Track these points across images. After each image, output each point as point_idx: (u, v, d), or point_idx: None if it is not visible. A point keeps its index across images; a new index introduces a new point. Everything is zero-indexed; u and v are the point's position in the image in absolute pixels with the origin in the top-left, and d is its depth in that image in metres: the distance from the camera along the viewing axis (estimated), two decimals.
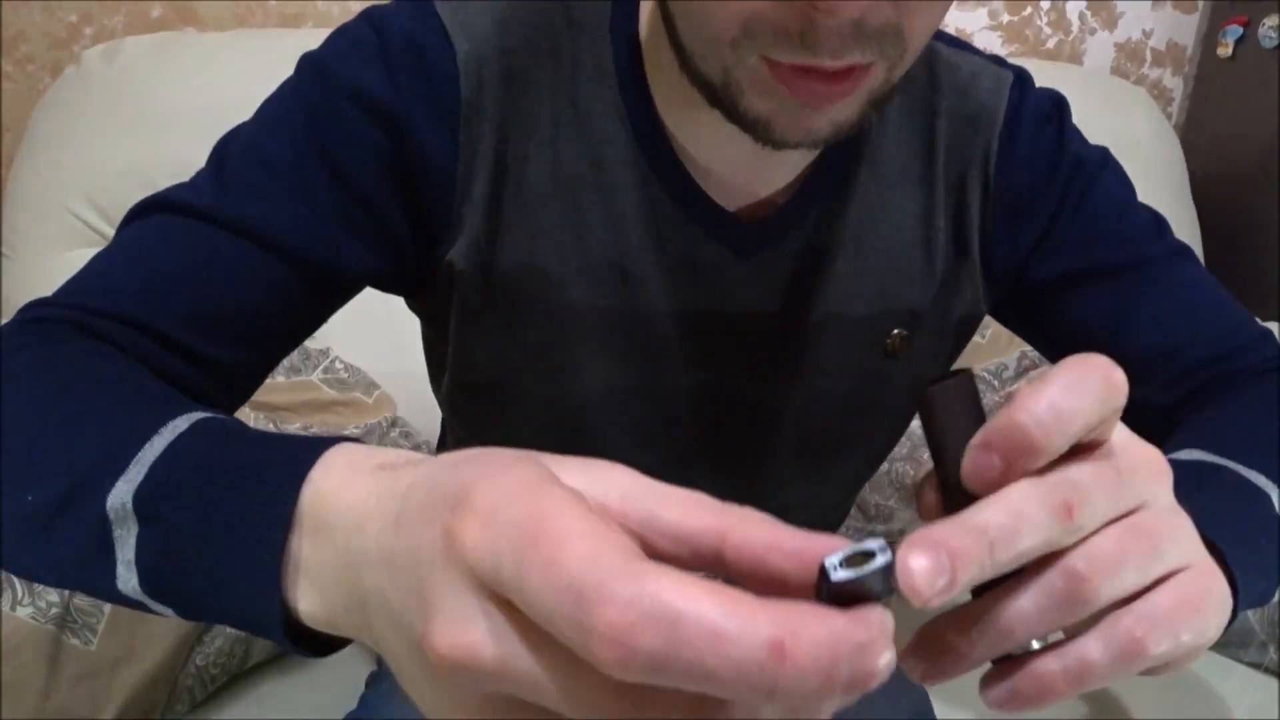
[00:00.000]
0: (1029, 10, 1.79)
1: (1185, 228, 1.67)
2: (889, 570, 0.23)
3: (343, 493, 0.30)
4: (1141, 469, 0.31)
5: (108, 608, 0.85)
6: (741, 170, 0.57)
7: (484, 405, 0.65)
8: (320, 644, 0.34)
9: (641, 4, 0.57)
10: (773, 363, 0.62)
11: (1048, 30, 1.81)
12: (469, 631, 0.24)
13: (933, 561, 0.25)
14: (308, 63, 0.55)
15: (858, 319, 0.62)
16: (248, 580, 0.32)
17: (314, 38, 0.55)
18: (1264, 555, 0.45)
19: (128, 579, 0.36)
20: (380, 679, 0.80)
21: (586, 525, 0.23)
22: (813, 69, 0.43)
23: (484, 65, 0.54)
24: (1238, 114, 1.72)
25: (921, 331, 0.63)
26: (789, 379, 0.63)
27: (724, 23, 0.44)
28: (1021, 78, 0.63)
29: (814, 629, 0.21)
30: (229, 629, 0.92)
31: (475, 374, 0.63)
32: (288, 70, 0.56)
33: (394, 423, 1.19)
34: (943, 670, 0.30)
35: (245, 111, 0.57)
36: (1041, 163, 0.61)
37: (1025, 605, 0.29)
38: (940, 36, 0.63)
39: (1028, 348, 1.31)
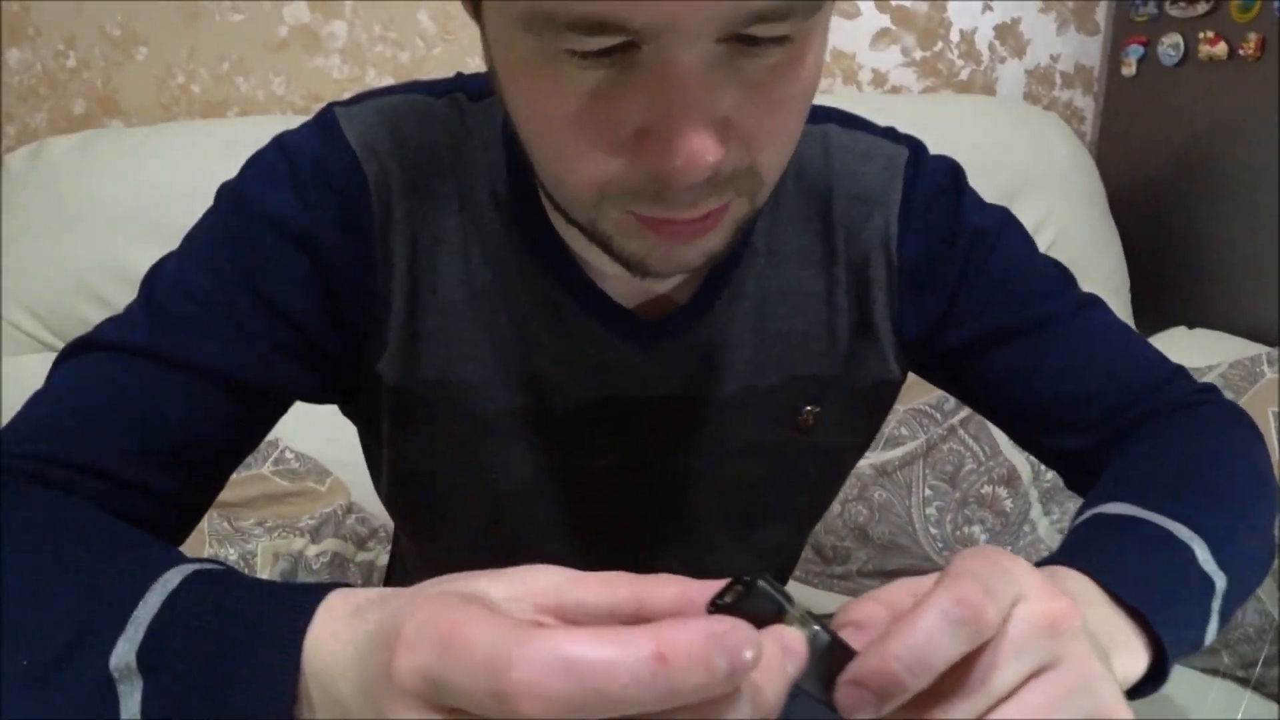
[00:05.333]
0: (940, 45, 1.84)
1: (1106, 243, 1.73)
2: (759, 594, 0.30)
3: (326, 642, 0.33)
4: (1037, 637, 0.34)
5: None
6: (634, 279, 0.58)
7: (419, 502, 0.67)
8: None
9: None
10: (685, 441, 0.64)
11: (960, 62, 1.86)
12: None
13: None
14: (225, 193, 0.57)
15: (765, 398, 0.63)
16: None
17: (238, 127, 0.58)
18: (1190, 611, 0.48)
19: None
20: None
21: (489, 620, 0.27)
22: (674, 219, 0.45)
23: (392, 182, 0.56)
24: (1146, 129, 1.78)
25: (832, 404, 0.65)
26: (703, 457, 0.65)
27: (579, 186, 0.45)
28: (916, 151, 0.64)
29: (685, 634, 0.26)
30: None
31: (409, 474, 0.65)
32: (214, 161, 0.58)
33: (349, 509, 1.19)
34: None
35: (174, 204, 0.58)
36: (942, 234, 0.62)
37: None
38: (834, 116, 0.64)
39: None
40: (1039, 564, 0.45)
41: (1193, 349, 1.52)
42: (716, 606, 0.30)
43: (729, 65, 0.40)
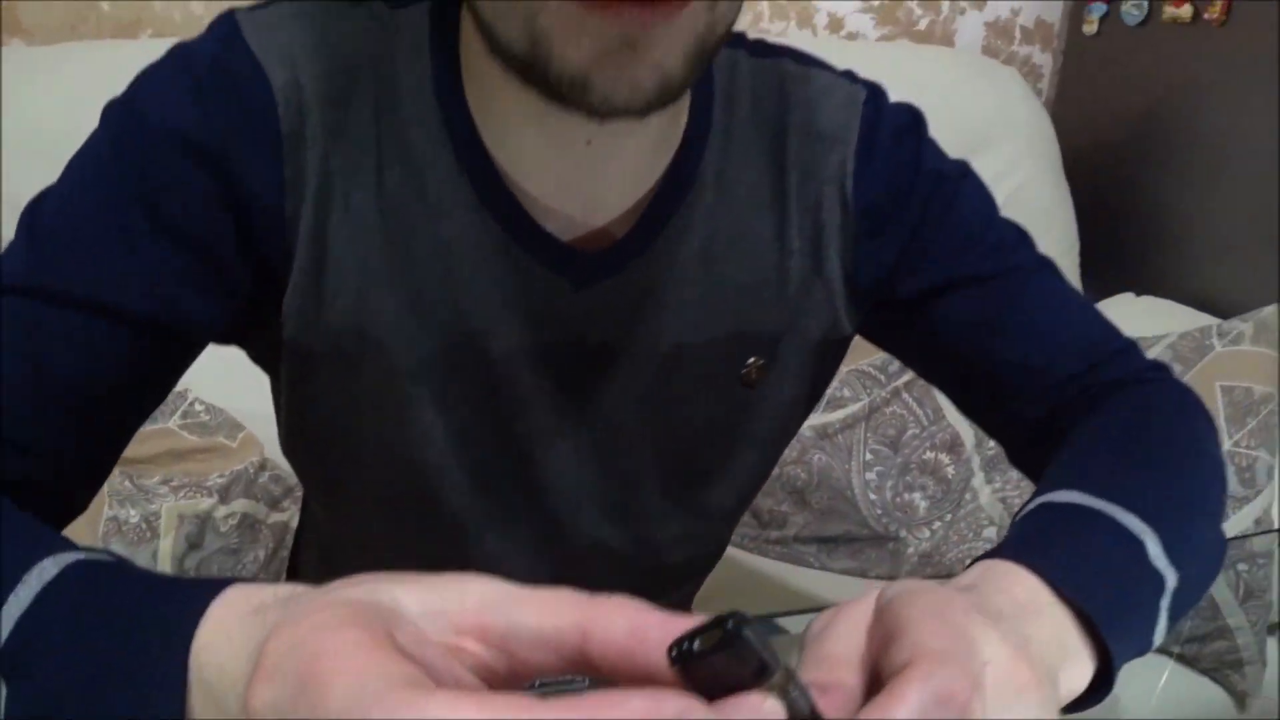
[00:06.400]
0: None
1: (1058, 204, 1.71)
2: (741, 646, 0.24)
3: (219, 645, 0.31)
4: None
5: None
6: (572, 194, 0.54)
7: (323, 457, 0.62)
8: None
9: (463, 19, 0.53)
10: (625, 395, 0.60)
11: (919, 11, 1.82)
12: None
13: None
14: (115, 108, 0.51)
15: (711, 349, 0.60)
16: None
17: (152, 48, 0.51)
18: (1140, 613, 0.46)
19: None
20: None
21: (356, 663, 0.24)
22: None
23: (302, 92, 0.51)
24: (1105, 89, 1.76)
25: (779, 358, 0.62)
26: (644, 411, 0.61)
27: None
28: (875, 92, 0.62)
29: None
30: None
31: (311, 425, 0.60)
32: (125, 82, 0.52)
33: (262, 465, 1.13)
34: None
35: (80, 134, 0.52)
36: (901, 177, 0.60)
37: None
38: (789, 53, 0.62)
39: None
40: (986, 555, 0.44)
41: (1140, 317, 1.52)
42: (681, 654, 0.24)
43: None
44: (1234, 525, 1.16)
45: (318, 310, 0.54)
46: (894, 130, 0.60)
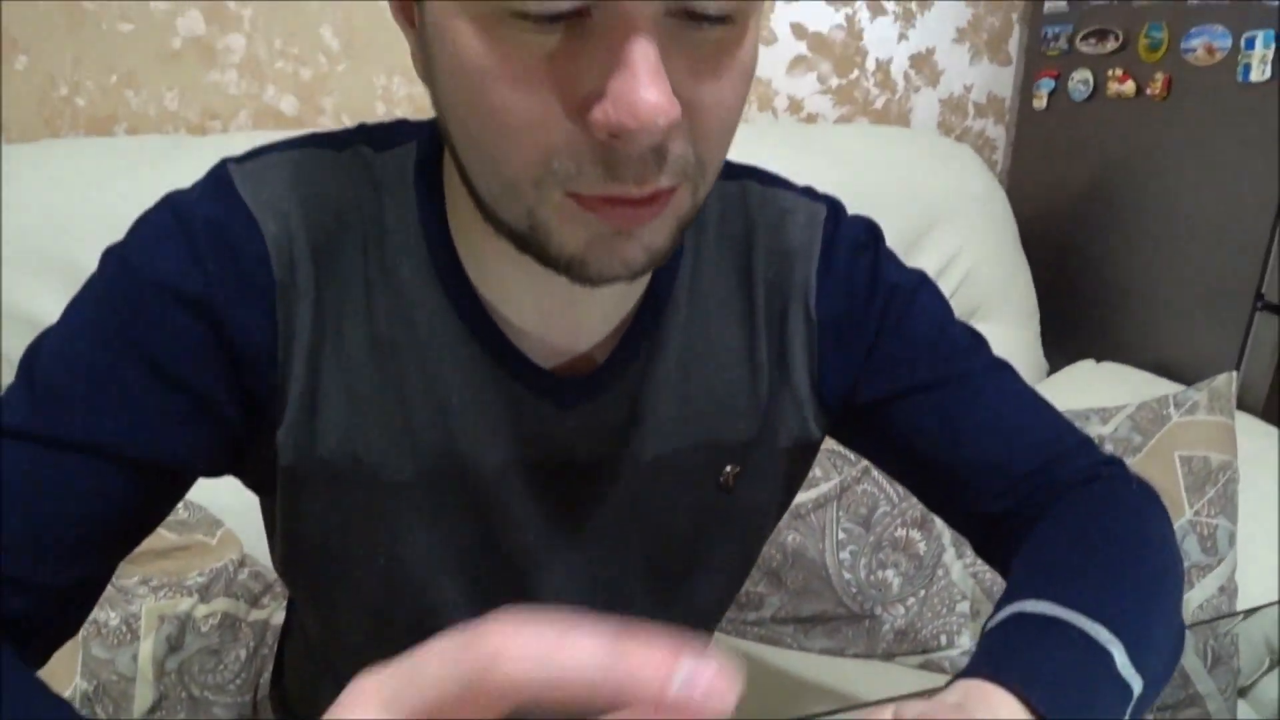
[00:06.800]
0: (856, 73, 1.85)
1: (1016, 274, 1.75)
2: None
3: None
4: None
5: None
6: (555, 324, 0.56)
7: (317, 574, 0.63)
8: None
9: (446, 157, 0.56)
10: (611, 507, 0.62)
11: (875, 90, 1.87)
12: None
13: None
14: (112, 258, 0.53)
15: (689, 457, 0.62)
16: None
17: (126, 146, 0.53)
18: None
19: None
20: None
21: None
22: (619, 198, 0.43)
23: (293, 242, 0.53)
24: (1056, 161, 1.82)
25: (753, 464, 0.64)
26: (629, 520, 0.63)
27: (523, 164, 0.43)
28: (835, 208, 0.65)
29: None
30: None
31: (306, 545, 0.61)
32: (100, 183, 0.54)
33: (242, 562, 1.12)
34: None
35: (55, 231, 0.54)
36: (859, 290, 0.63)
37: None
38: (754, 174, 0.65)
39: None
40: (964, 672, 0.48)
41: (1100, 384, 1.55)
42: None
43: (676, 37, 0.41)
44: (1199, 593, 1.18)
45: (311, 440, 0.55)
46: (852, 246, 0.64)
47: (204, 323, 0.51)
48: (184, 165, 1.35)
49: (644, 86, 0.39)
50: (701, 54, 0.42)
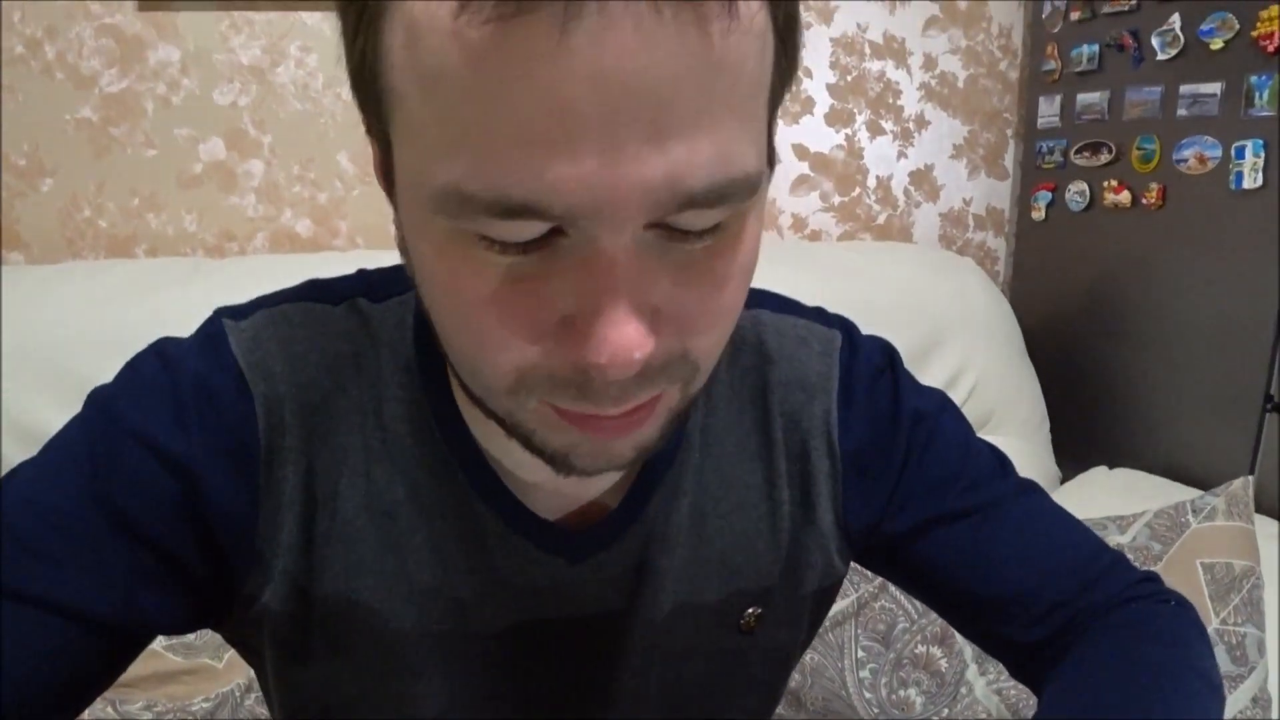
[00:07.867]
0: (857, 191, 1.89)
1: (1024, 384, 1.76)
2: None
3: None
4: None
5: None
6: (560, 484, 0.53)
7: None
8: None
9: None
10: (627, 659, 0.60)
11: (877, 207, 1.91)
12: None
13: None
14: (96, 401, 0.51)
15: (708, 604, 0.60)
16: None
17: (145, 269, 0.52)
18: None
19: None
20: None
21: None
22: (597, 415, 0.41)
23: (284, 404, 0.51)
24: (1056, 270, 1.84)
25: (775, 606, 0.62)
26: (644, 669, 0.60)
27: (496, 375, 0.41)
28: (849, 333, 0.63)
29: None
30: None
31: (306, 709, 0.58)
32: (118, 303, 0.52)
33: (249, 686, 1.10)
34: None
35: (73, 350, 0.52)
36: (882, 419, 0.61)
37: None
38: (766, 302, 0.63)
39: None
40: None
41: (1115, 492, 1.54)
42: None
43: (658, 250, 0.38)
44: (1232, 705, 1.14)
45: (309, 606, 0.53)
46: (871, 373, 0.62)
47: (181, 482, 0.50)
48: (199, 287, 1.38)
49: (615, 324, 0.37)
50: (690, 262, 0.39)
